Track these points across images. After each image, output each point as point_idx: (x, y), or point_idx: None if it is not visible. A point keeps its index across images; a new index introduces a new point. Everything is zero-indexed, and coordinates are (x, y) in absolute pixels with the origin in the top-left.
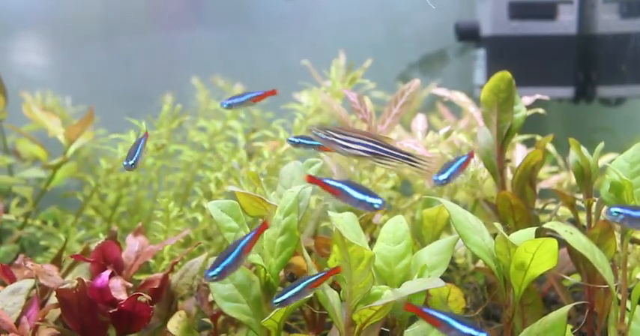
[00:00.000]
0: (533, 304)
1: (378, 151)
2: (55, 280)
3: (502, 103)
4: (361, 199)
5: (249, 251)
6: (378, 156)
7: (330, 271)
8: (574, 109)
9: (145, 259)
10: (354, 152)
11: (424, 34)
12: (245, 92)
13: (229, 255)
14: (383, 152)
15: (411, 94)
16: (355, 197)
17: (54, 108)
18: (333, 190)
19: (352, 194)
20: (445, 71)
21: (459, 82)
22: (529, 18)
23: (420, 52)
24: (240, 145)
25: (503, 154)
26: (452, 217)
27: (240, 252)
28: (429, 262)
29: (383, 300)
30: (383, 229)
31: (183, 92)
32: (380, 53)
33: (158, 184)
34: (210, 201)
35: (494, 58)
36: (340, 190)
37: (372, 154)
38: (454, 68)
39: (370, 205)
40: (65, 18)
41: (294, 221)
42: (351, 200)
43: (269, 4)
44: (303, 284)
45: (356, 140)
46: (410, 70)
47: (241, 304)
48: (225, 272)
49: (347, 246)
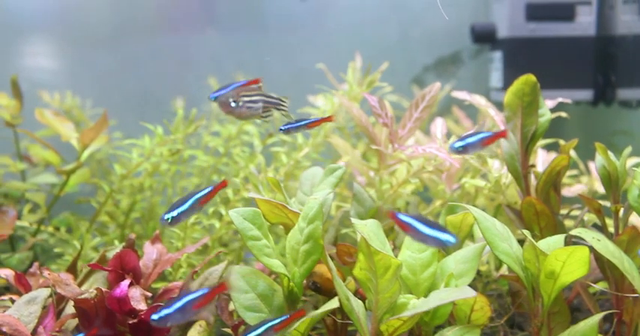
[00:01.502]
0: (560, 313)
1: (267, 104)
2: (72, 290)
3: (526, 107)
4: (432, 235)
5: (203, 203)
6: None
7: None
8: (592, 112)
9: (163, 268)
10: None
11: (438, 36)
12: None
13: (185, 202)
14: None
15: (432, 97)
16: (425, 233)
17: (72, 109)
18: (403, 225)
19: (422, 230)
20: (460, 74)
21: (474, 85)
22: (547, 19)
23: (434, 54)
24: (257, 150)
25: (528, 159)
26: (479, 224)
27: (194, 202)
28: (456, 270)
29: (413, 310)
30: (408, 237)
31: (195, 95)
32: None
33: (173, 189)
34: (228, 207)
35: (512, 61)
36: (410, 225)
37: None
38: (469, 71)
39: (441, 241)
40: (75, 21)
41: (319, 229)
42: (421, 236)
43: (282, 5)
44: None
45: (254, 98)
46: (424, 72)
47: (263, 314)
48: (180, 217)
49: (373, 254)
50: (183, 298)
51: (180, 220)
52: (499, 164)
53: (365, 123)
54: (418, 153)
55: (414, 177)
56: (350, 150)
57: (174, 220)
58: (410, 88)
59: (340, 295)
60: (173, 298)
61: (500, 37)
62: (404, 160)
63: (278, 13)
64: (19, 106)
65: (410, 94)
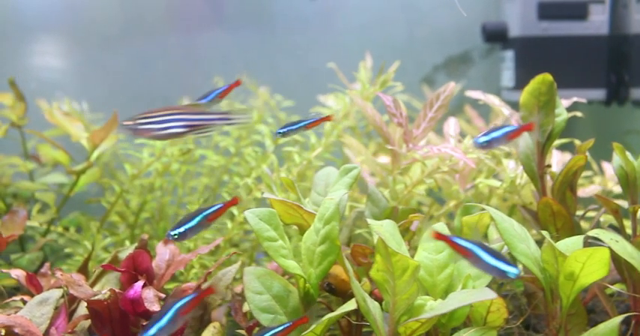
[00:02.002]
0: (577, 315)
1: (193, 123)
2: (85, 291)
3: (543, 107)
4: (494, 265)
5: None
6: (194, 127)
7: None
8: (605, 112)
9: (176, 269)
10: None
11: (448, 36)
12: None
13: (193, 219)
14: (197, 121)
15: (447, 97)
16: (487, 262)
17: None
18: (463, 251)
19: (485, 259)
20: (470, 73)
21: (484, 85)
22: (559, 18)
23: (444, 53)
24: (269, 149)
25: (544, 159)
26: (498, 225)
27: (202, 218)
28: (473, 272)
29: (432, 312)
30: (424, 238)
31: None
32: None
33: (183, 189)
34: (240, 208)
35: (524, 60)
36: (471, 252)
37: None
38: (479, 70)
39: (504, 273)
40: (84, 20)
41: (335, 230)
42: (482, 265)
43: (291, 5)
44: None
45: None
46: (434, 72)
47: (279, 315)
48: (187, 234)
49: (391, 255)
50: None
51: (187, 236)
52: (514, 164)
53: (379, 122)
54: (433, 153)
55: (429, 177)
56: (363, 150)
57: (180, 236)
58: (420, 88)
59: (357, 297)
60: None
61: (511, 36)
62: (418, 160)
63: (287, 12)
64: (23, 107)
65: (419, 93)
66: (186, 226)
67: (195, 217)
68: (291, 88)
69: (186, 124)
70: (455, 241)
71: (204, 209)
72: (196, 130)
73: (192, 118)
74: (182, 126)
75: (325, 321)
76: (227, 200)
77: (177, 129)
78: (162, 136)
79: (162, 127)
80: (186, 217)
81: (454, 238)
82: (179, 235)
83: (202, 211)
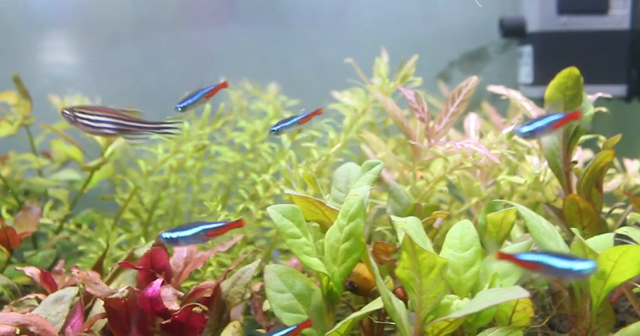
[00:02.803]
0: (605, 314)
1: (125, 127)
2: (102, 289)
3: (569, 102)
4: (567, 268)
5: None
6: (125, 131)
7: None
8: (625, 108)
9: (195, 267)
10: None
11: (464, 31)
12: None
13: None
14: (129, 127)
15: (469, 91)
16: (560, 267)
17: None
18: (532, 266)
19: (556, 265)
20: (486, 69)
21: (501, 81)
22: (579, 13)
23: (459, 49)
24: (286, 145)
25: (570, 156)
26: (527, 222)
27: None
28: (500, 270)
29: (463, 312)
30: (449, 235)
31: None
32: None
33: (198, 186)
34: (258, 205)
35: (542, 55)
36: (540, 263)
37: (119, 130)
38: (496, 66)
39: (579, 272)
40: (95, 16)
41: (360, 227)
42: (555, 271)
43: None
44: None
45: (101, 119)
46: (450, 68)
47: (301, 314)
48: (178, 241)
49: (417, 253)
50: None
51: (177, 243)
52: (537, 160)
53: (400, 118)
54: (456, 148)
55: (451, 173)
56: (383, 146)
57: (171, 240)
58: (435, 84)
59: (383, 296)
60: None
61: (530, 31)
62: (440, 156)
63: (300, 7)
64: (28, 105)
65: (435, 90)
66: (180, 234)
67: (193, 227)
68: (304, 83)
69: (117, 128)
70: (521, 259)
71: (205, 223)
72: (126, 134)
73: (124, 123)
74: (113, 128)
75: (350, 320)
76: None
77: (108, 130)
78: (93, 132)
79: (95, 125)
80: (185, 225)
81: (519, 256)
82: (169, 239)
83: (203, 224)
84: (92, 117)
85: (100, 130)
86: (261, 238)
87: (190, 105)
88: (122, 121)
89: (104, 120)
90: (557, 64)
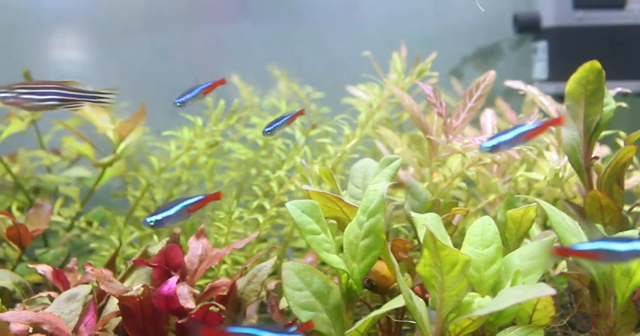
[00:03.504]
0: (627, 313)
1: (68, 97)
2: (117, 287)
3: (590, 96)
4: (631, 249)
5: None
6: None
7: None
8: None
9: (210, 264)
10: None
11: (477, 27)
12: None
13: (172, 207)
14: (71, 97)
15: (487, 86)
16: (623, 251)
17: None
18: (593, 255)
19: (618, 249)
20: (500, 65)
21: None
22: (595, 7)
23: (472, 45)
24: (300, 142)
25: (591, 151)
26: (550, 218)
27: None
28: (522, 267)
29: (487, 309)
30: (469, 231)
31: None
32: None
33: (211, 183)
34: (272, 202)
35: (558, 51)
36: (601, 251)
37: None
38: (509, 62)
39: None
40: (105, 12)
41: (380, 223)
42: (618, 256)
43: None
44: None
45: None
46: (463, 64)
47: (319, 312)
48: (164, 222)
49: (439, 249)
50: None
51: (164, 224)
52: (557, 156)
53: (417, 113)
54: (475, 144)
55: (469, 169)
56: (399, 141)
57: (157, 223)
58: (448, 81)
59: (404, 294)
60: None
61: (545, 27)
62: (458, 152)
63: (311, 3)
64: None
65: (448, 86)
66: (165, 214)
67: (174, 205)
68: (316, 79)
69: (61, 98)
70: (580, 250)
71: (185, 198)
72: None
73: (66, 93)
74: (58, 100)
75: (370, 319)
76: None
77: (54, 102)
78: (38, 108)
79: (41, 98)
80: (165, 205)
81: (577, 248)
82: (156, 222)
83: (183, 201)
84: (36, 91)
85: (45, 104)
86: (273, 236)
87: (188, 100)
88: (65, 92)
89: (49, 92)
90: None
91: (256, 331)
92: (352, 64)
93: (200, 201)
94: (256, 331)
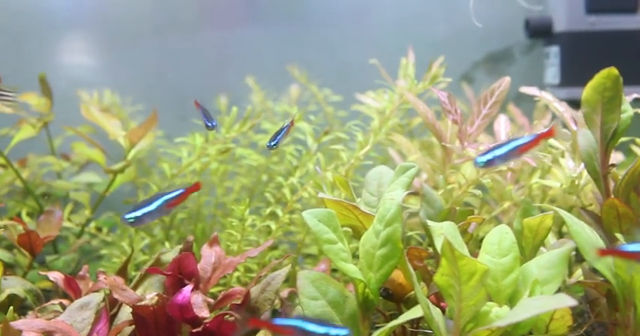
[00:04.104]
0: None
1: None
2: (130, 295)
3: (607, 103)
4: None
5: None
6: None
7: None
8: None
9: (225, 272)
10: None
11: (488, 32)
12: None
13: (152, 203)
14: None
15: (501, 93)
16: None
17: (111, 107)
18: None
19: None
20: (511, 70)
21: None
22: (608, 12)
23: (483, 50)
24: (312, 148)
25: (608, 159)
26: (569, 227)
27: (162, 203)
28: (540, 277)
29: (508, 320)
30: (486, 240)
31: (237, 92)
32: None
33: (222, 189)
34: (285, 209)
35: (570, 56)
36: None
37: None
38: (520, 67)
39: None
40: (115, 17)
41: (398, 232)
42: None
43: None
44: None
45: None
46: (473, 69)
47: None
48: (144, 219)
49: (457, 259)
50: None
51: (143, 221)
52: (573, 164)
53: (432, 119)
54: None
55: (485, 176)
56: (413, 148)
57: (137, 220)
58: (459, 86)
59: (422, 303)
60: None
61: (557, 32)
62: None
63: (321, 7)
64: (49, 103)
65: (457, 91)
66: (144, 210)
67: (154, 201)
68: (325, 84)
69: None
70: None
71: (164, 193)
72: None
73: None
74: None
75: (387, 329)
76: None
77: None
78: None
79: None
80: (144, 201)
81: (624, 248)
82: (135, 219)
83: (162, 196)
84: None
85: None
86: (283, 242)
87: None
88: None
89: None
90: (585, 65)
91: (302, 324)
92: (361, 68)
93: (180, 195)
94: (302, 324)
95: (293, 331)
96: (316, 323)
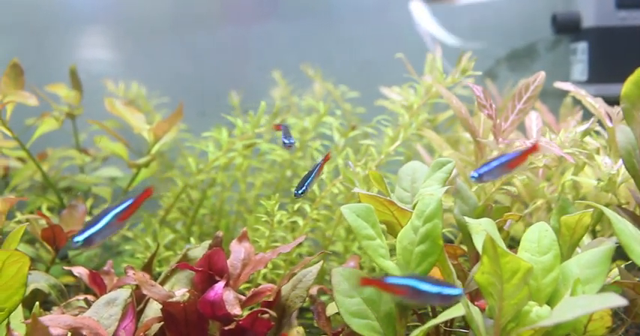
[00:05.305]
0: None
1: None
2: (159, 292)
3: None
4: None
5: (124, 220)
6: None
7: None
8: None
9: (255, 269)
10: None
11: (512, 28)
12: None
13: (99, 221)
14: None
15: (537, 87)
16: None
17: (137, 99)
18: None
19: None
20: (535, 67)
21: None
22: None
23: (507, 46)
24: (339, 143)
25: None
26: (614, 226)
27: (111, 219)
28: (581, 276)
29: (554, 319)
30: (525, 238)
31: (257, 88)
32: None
33: (245, 185)
34: (313, 205)
35: (599, 52)
36: None
37: None
38: (545, 63)
39: None
40: (134, 12)
41: (438, 228)
42: None
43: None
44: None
45: None
46: (497, 65)
47: (371, 320)
48: (93, 240)
49: (500, 256)
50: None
51: (93, 242)
52: (610, 160)
53: (465, 114)
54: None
55: (520, 173)
56: (444, 144)
57: (85, 242)
58: (482, 82)
59: (462, 302)
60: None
61: (585, 27)
62: None
63: (343, 2)
64: (79, 96)
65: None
66: (91, 231)
67: (101, 219)
68: (347, 79)
69: None
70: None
71: (111, 208)
72: None
73: None
74: None
75: (425, 328)
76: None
77: None
78: None
79: None
80: (91, 220)
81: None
82: (83, 241)
83: (110, 211)
84: None
85: None
86: (308, 239)
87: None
88: None
89: None
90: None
91: (415, 283)
92: (384, 63)
93: (130, 206)
94: (415, 283)
95: (407, 291)
96: (430, 282)
